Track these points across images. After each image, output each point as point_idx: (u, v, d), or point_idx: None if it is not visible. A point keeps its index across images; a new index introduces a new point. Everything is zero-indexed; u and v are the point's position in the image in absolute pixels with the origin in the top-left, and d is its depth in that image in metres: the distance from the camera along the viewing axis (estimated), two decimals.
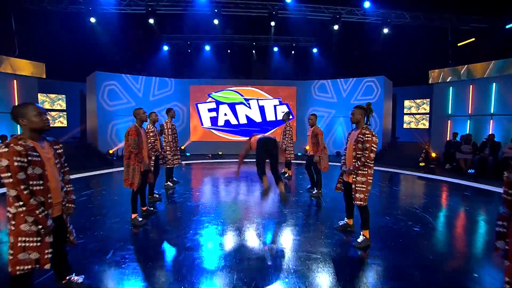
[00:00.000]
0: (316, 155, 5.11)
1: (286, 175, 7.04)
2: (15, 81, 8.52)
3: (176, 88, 12.54)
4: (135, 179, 3.72)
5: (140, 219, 3.94)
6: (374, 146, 3.08)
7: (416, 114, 12.86)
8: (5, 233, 3.54)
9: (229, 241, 3.45)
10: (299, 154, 11.88)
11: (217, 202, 5.19)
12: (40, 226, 1.84)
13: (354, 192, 3.19)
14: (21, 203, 1.76)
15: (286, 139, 6.84)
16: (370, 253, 3.11)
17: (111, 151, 10.75)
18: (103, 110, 10.84)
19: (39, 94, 10.10)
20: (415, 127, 13.06)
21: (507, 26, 10.49)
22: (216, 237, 3.56)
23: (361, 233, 3.29)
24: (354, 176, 3.19)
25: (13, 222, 1.79)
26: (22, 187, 1.76)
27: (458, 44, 12.45)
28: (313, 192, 5.47)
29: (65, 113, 12.50)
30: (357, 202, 3.17)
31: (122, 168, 3.91)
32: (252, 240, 3.47)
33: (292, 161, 7.39)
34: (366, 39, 11.83)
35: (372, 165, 3.16)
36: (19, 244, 1.78)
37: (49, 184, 1.92)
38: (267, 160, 4.27)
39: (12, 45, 8.58)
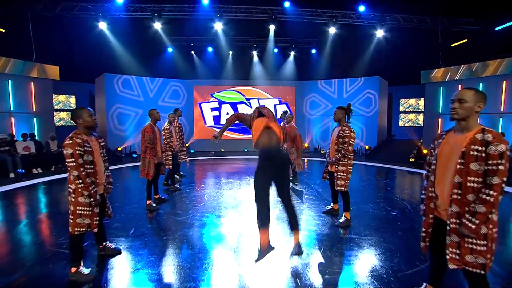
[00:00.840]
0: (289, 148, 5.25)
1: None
2: (32, 83, 9.17)
3: (180, 89, 13.14)
4: (150, 170, 4.34)
5: (154, 204, 4.55)
6: (352, 140, 3.66)
7: (409, 112, 13.38)
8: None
9: (231, 221, 4.05)
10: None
11: (220, 192, 5.79)
12: (91, 199, 2.45)
13: (335, 179, 3.77)
14: (80, 181, 2.37)
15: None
16: (351, 231, 3.69)
17: (119, 149, 11.38)
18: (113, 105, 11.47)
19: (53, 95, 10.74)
20: (411, 125, 13.59)
21: (497, 28, 10.99)
22: (219, 218, 4.16)
23: (343, 214, 3.88)
24: (336, 166, 3.78)
25: (73, 195, 2.41)
26: (81, 169, 2.37)
27: (452, 45, 12.97)
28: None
29: None
30: (338, 188, 3.75)
31: (130, 164, 4.49)
32: (250, 220, 4.07)
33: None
34: (362, 41, 12.36)
35: (352, 156, 3.74)
36: (77, 212, 2.40)
37: (96, 168, 2.54)
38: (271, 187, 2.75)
39: (30, 50, 9.21)
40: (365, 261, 2.89)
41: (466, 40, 12.54)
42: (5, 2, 9.45)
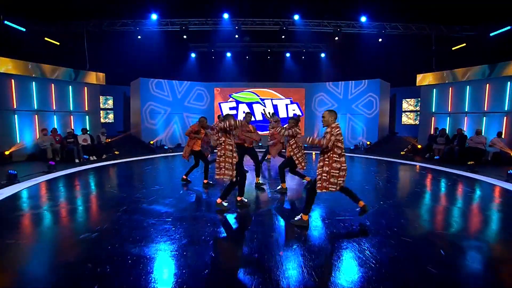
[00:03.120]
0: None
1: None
2: (85, 88, 11.25)
3: (204, 93, 14.97)
4: (186, 153, 6.03)
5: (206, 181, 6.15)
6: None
7: (409, 111, 14.55)
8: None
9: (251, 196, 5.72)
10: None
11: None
12: None
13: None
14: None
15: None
16: (327, 203, 5.26)
17: (152, 142, 13.36)
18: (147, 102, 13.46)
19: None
20: (412, 123, 14.75)
21: (491, 34, 11.97)
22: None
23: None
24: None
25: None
26: None
27: (453, 49, 14.07)
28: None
29: (112, 111, 15.36)
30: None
31: (162, 155, 6.18)
32: (262, 193, 5.73)
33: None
34: (365, 47, 13.65)
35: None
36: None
37: None
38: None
39: (82, 60, 11.31)
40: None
41: (465, 44, 13.61)
42: (64, 21, 11.60)
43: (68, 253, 2.99)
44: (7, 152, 8.73)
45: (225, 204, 4.37)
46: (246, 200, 4.65)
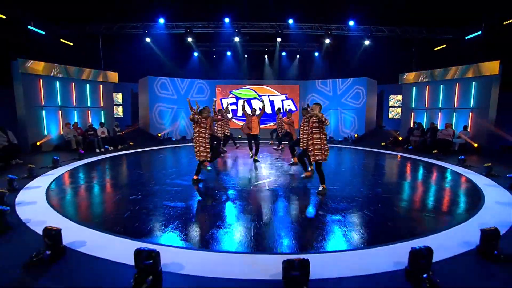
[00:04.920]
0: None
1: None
2: (101, 86, 12.53)
3: (204, 86, 16.25)
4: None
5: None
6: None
7: (395, 107, 15.93)
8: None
9: (246, 169, 7.11)
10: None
11: (237, 164, 8.87)
12: None
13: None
14: None
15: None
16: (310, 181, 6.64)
17: (159, 134, 14.68)
18: (155, 99, 14.75)
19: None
20: (398, 117, 16.11)
21: (467, 37, 13.28)
22: (243, 172, 7.23)
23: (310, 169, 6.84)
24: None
25: None
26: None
27: (435, 49, 15.44)
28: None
29: (122, 106, 16.64)
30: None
31: (169, 146, 7.55)
32: (260, 173, 7.12)
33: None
34: (353, 47, 14.94)
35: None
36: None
37: None
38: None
39: (99, 61, 12.56)
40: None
41: (445, 45, 14.96)
42: (78, 24, 12.82)
43: (126, 205, 4.39)
44: (38, 143, 10.07)
45: (209, 168, 5.84)
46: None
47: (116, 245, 3.04)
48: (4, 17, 10.79)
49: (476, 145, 10.19)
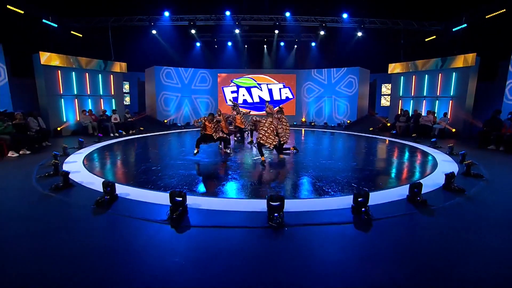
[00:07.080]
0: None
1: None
2: (111, 76, 13.55)
3: (207, 75, 17.23)
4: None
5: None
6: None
7: (387, 95, 16.93)
8: None
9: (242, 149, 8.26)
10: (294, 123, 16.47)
11: (239, 146, 10.02)
12: None
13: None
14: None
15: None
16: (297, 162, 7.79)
17: (165, 121, 15.79)
18: (160, 88, 15.79)
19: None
20: (389, 104, 17.11)
21: (454, 29, 14.14)
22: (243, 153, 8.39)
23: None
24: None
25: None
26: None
27: (426, 40, 16.34)
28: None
29: (129, 94, 17.68)
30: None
31: (176, 131, 8.63)
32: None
33: None
34: (347, 38, 15.82)
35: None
36: None
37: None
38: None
39: (109, 53, 13.53)
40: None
41: (435, 36, 15.84)
42: (89, 17, 13.73)
43: (152, 173, 5.57)
44: (59, 129, 11.22)
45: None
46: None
47: (150, 195, 4.23)
48: (22, 12, 11.73)
49: (454, 130, 11.28)
